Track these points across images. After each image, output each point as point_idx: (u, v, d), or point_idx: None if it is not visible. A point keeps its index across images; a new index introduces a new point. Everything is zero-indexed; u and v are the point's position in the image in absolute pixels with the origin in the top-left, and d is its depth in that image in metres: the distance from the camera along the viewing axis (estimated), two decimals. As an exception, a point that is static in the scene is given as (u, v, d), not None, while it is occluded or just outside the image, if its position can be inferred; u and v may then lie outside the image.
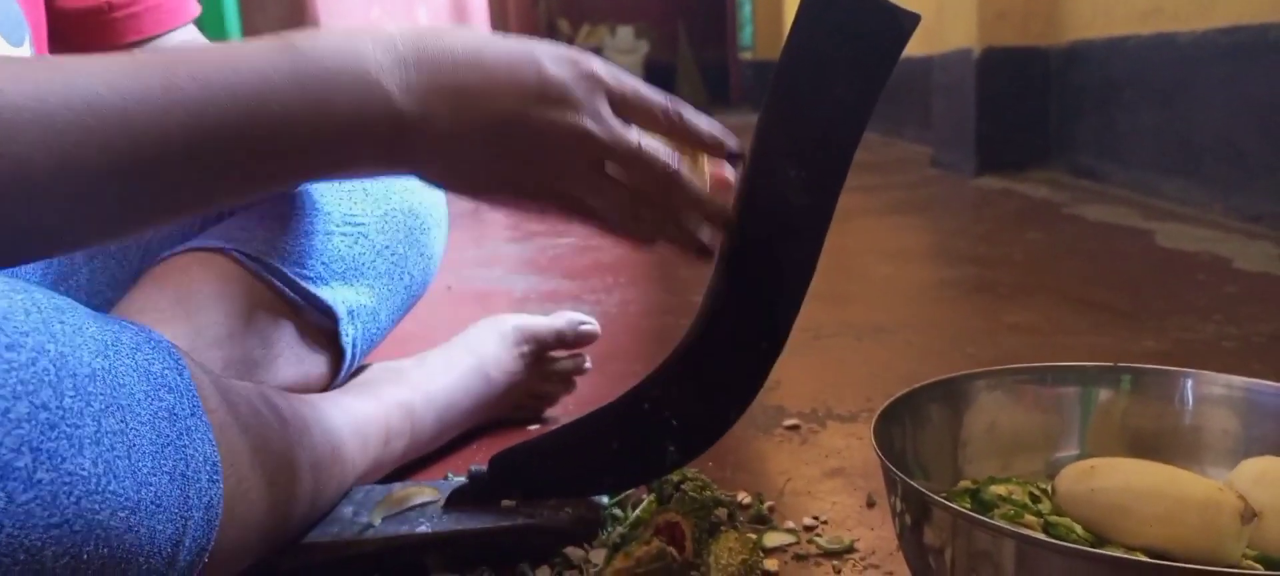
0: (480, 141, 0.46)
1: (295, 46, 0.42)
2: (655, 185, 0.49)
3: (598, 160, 0.47)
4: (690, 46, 7.80)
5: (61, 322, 0.36)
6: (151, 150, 0.38)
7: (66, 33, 0.61)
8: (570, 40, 7.50)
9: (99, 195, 0.38)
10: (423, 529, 0.58)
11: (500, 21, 5.28)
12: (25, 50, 0.55)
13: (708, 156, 0.53)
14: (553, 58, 0.46)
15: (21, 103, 0.36)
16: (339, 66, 0.42)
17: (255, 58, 0.41)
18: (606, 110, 0.47)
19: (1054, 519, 0.49)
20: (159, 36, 0.65)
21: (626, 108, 0.48)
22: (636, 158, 0.48)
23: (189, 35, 0.68)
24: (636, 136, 0.48)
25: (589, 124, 0.46)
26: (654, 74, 7.33)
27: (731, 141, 0.52)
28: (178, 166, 0.40)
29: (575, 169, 0.47)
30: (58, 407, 0.33)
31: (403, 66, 0.44)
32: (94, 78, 0.38)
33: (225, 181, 0.42)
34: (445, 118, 0.44)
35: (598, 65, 0.47)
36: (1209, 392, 0.57)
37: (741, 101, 7.01)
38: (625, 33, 7.46)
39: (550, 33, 7.61)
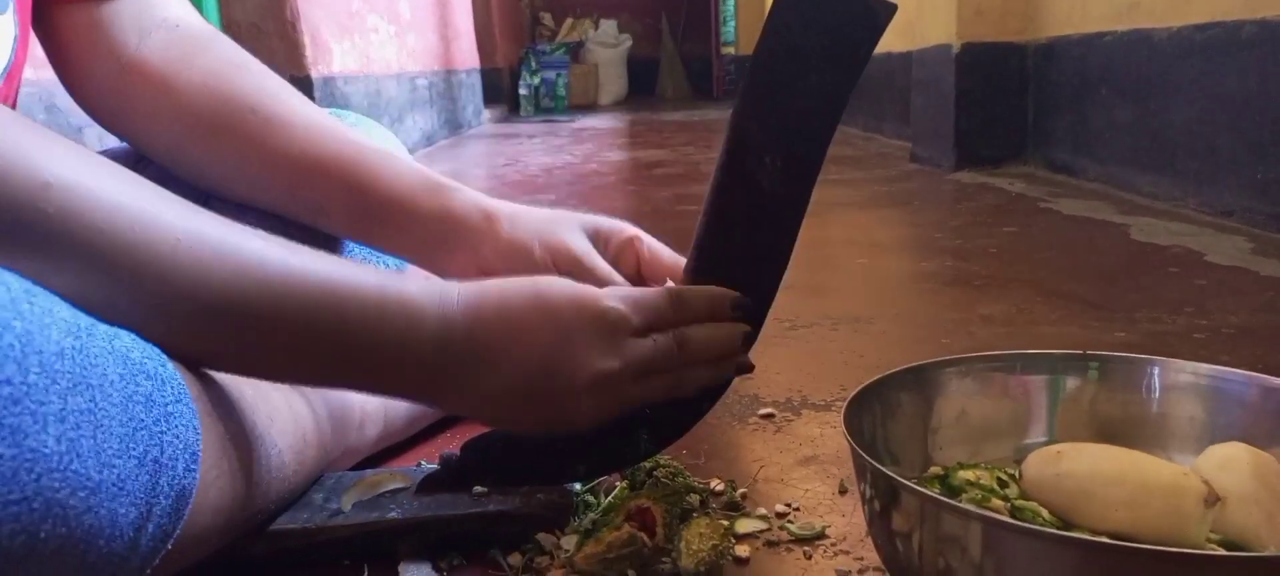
0: (508, 396, 0.50)
1: (385, 275, 0.49)
2: (676, 363, 0.53)
3: (621, 380, 0.51)
4: (673, 41, 7.80)
5: (30, 303, 0.35)
6: (240, 297, 0.43)
7: None
8: (553, 34, 7.47)
9: (181, 319, 0.42)
10: (393, 515, 0.58)
11: (483, 16, 5.26)
12: (8, 17, 0.54)
13: None
14: (576, 307, 0.50)
15: (148, 208, 0.41)
16: (404, 296, 0.48)
17: (354, 269, 0.48)
18: (622, 337, 0.51)
19: (1021, 503, 0.49)
20: None
21: (642, 324, 0.52)
22: (652, 362, 0.52)
23: (173, 2, 0.66)
24: (649, 343, 0.52)
25: (604, 363, 0.50)
26: (637, 68, 7.33)
27: (728, 302, 0.55)
28: (257, 322, 0.44)
29: (603, 399, 0.51)
30: (22, 383, 0.33)
31: (448, 321, 0.49)
32: (217, 222, 0.44)
33: (285, 350, 0.46)
34: (471, 376, 0.49)
35: (611, 301, 0.51)
36: (1176, 380, 0.58)
37: (724, 96, 7.02)
38: (608, 27, 7.44)
39: (533, 26, 7.58)
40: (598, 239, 0.65)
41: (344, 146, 0.63)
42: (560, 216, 0.64)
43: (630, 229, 0.66)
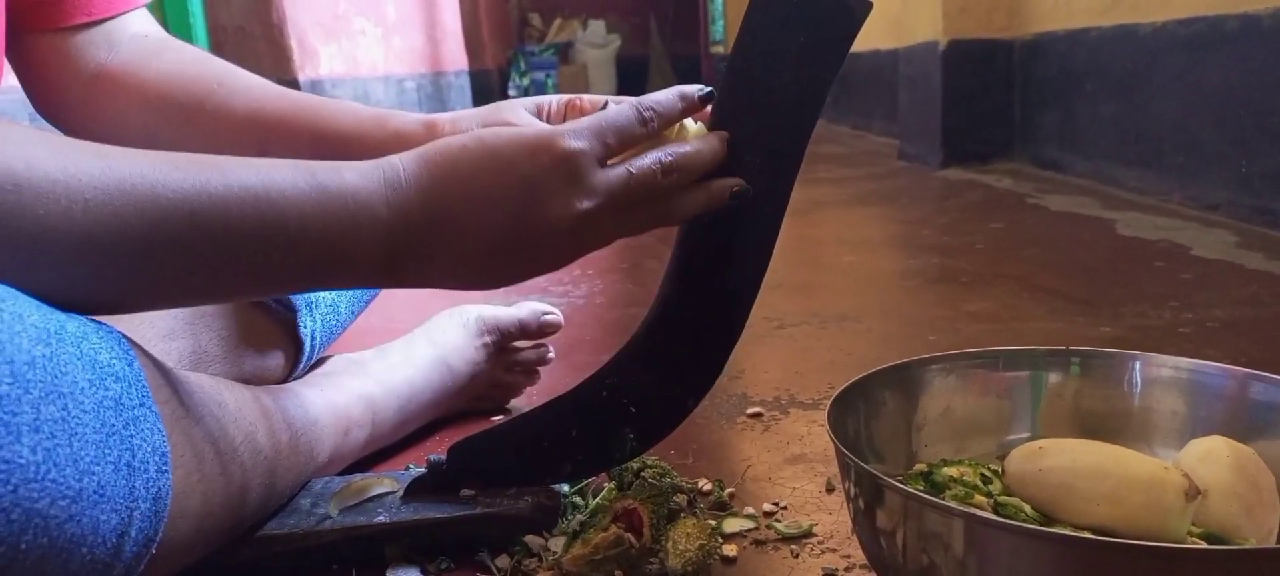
0: (480, 261, 0.48)
1: (314, 172, 0.45)
2: (661, 190, 0.50)
3: (601, 215, 0.49)
4: (662, 40, 7.80)
5: (0, 311, 0.35)
6: (169, 235, 0.41)
7: (16, 10, 0.60)
8: (541, 35, 7.46)
9: (113, 271, 0.41)
10: (381, 519, 0.58)
11: (471, 17, 5.25)
12: None
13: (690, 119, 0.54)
14: (530, 154, 0.47)
15: (55, 175, 0.38)
16: (344, 192, 0.45)
17: (277, 173, 0.44)
18: (592, 172, 0.48)
19: (1004, 499, 0.50)
20: (109, 19, 0.63)
21: (609, 151, 0.49)
22: (632, 191, 0.49)
23: (143, 20, 0.67)
24: (623, 172, 0.49)
25: (579, 204, 0.48)
26: (626, 68, 7.33)
27: (694, 91, 0.53)
28: (194, 254, 0.42)
29: (585, 237, 0.49)
30: None
31: (403, 195, 0.46)
32: (129, 163, 0.41)
33: (234, 275, 0.44)
34: (437, 250, 0.47)
35: (569, 139, 0.48)
36: (1157, 375, 0.58)
37: (713, 95, 7.01)
38: (597, 27, 7.44)
39: (522, 27, 7.57)
40: (539, 113, 0.64)
41: (303, 100, 0.64)
42: (501, 103, 0.63)
43: (569, 96, 0.64)
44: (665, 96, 0.52)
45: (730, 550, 0.58)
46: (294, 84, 2.42)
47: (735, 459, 0.72)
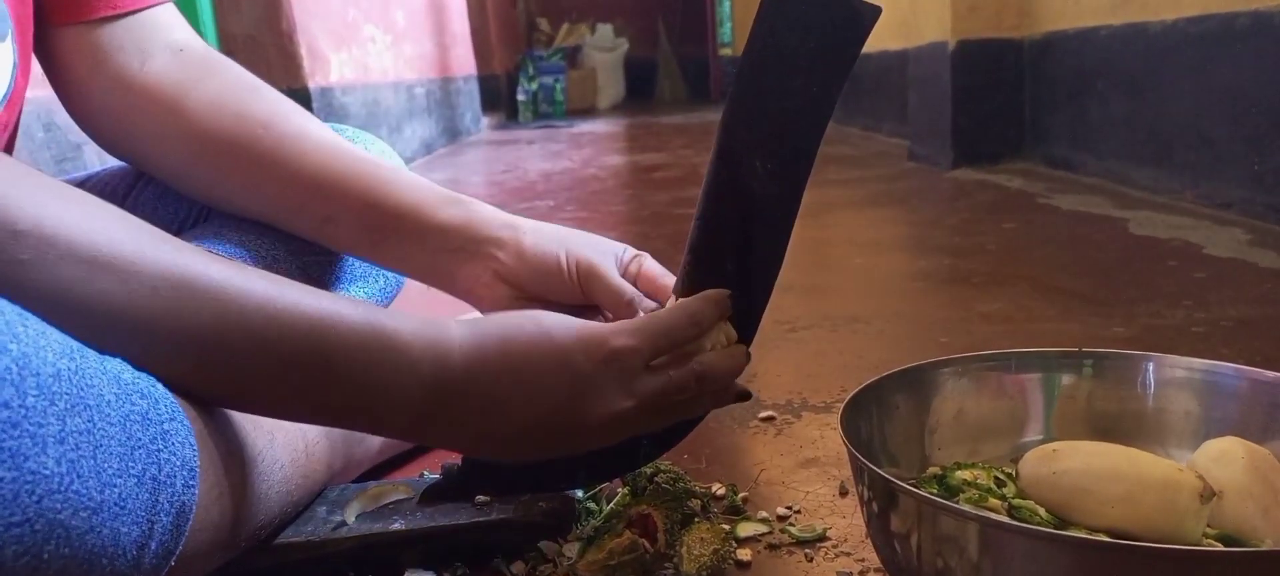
0: (510, 438, 0.48)
1: (375, 314, 0.46)
2: (691, 395, 0.51)
3: (636, 415, 0.49)
4: (670, 43, 7.81)
5: (25, 326, 0.36)
6: (223, 341, 0.42)
7: (42, 6, 0.60)
8: (549, 39, 7.47)
9: (161, 356, 0.41)
10: (397, 526, 0.58)
11: (480, 22, 5.27)
12: (6, 45, 0.55)
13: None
14: (585, 349, 0.47)
15: (130, 256, 0.40)
16: (396, 339, 0.45)
17: (340, 307, 0.45)
18: (638, 375, 0.49)
19: (1018, 502, 0.50)
20: (133, 12, 0.63)
21: (656, 355, 0.50)
22: (668, 397, 0.50)
23: (174, 23, 0.66)
24: (664, 380, 0.49)
25: (621, 404, 0.48)
26: (634, 71, 7.34)
27: (727, 297, 0.53)
28: (240, 364, 0.43)
29: (614, 432, 0.49)
30: (20, 406, 0.33)
31: (449, 361, 0.46)
32: (201, 262, 0.42)
33: (274, 394, 0.45)
34: (472, 420, 0.47)
35: (624, 339, 0.48)
36: (1171, 376, 0.58)
37: (721, 98, 7.01)
38: (605, 30, 7.45)
39: (530, 31, 7.59)
40: (621, 269, 0.64)
41: (357, 162, 0.63)
42: (585, 233, 0.64)
43: (635, 252, 0.65)
44: (705, 303, 0.52)
45: (744, 554, 0.58)
46: (304, 92, 2.43)
47: (748, 463, 0.72)
